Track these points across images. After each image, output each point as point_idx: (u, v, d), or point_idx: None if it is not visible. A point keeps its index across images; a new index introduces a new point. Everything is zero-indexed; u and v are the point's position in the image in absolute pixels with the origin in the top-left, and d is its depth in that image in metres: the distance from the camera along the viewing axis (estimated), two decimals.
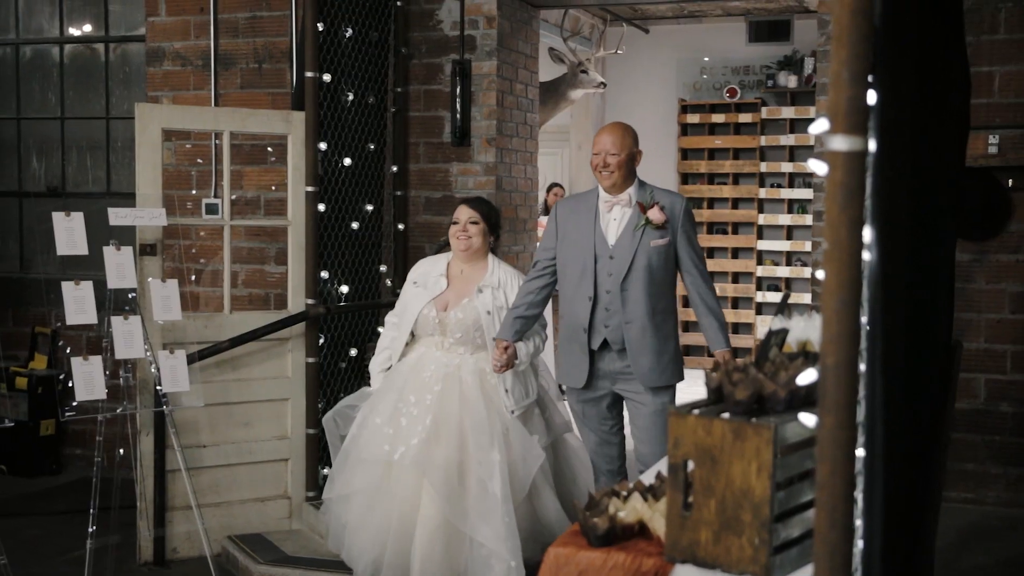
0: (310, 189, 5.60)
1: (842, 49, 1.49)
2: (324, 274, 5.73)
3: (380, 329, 5.10)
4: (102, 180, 7.25)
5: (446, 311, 4.64)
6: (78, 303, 4.70)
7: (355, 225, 5.96)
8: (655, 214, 4.45)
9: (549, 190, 10.13)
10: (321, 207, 5.67)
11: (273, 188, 6.45)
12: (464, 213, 4.75)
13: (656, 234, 4.46)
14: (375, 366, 4.83)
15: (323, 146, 5.69)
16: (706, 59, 10.96)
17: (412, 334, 4.73)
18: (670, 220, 4.48)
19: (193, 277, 6.57)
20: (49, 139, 7.35)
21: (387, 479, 4.49)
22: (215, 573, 4.89)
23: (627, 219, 4.50)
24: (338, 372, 5.89)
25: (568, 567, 2.59)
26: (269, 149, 6.41)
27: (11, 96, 7.40)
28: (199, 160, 6.63)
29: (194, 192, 6.58)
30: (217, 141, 6.43)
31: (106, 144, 7.24)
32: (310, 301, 5.63)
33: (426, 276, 4.76)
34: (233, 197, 5.99)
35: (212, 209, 5.98)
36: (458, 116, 6.26)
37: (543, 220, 8.43)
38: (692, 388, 9.44)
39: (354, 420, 4.70)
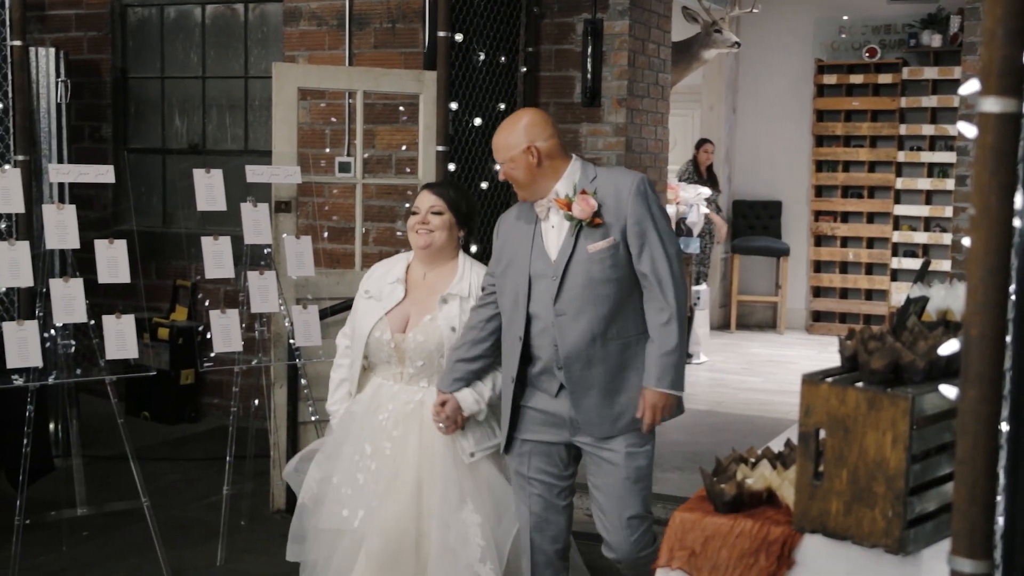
0: (440, 148, 5.64)
1: (997, 6, 1.42)
2: None
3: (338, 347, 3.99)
4: (240, 138, 7.44)
5: (404, 332, 3.66)
6: (216, 258, 4.85)
7: (484, 185, 5.99)
8: (579, 207, 3.36)
9: (699, 147, 9.91)
10: (451, 167, 5.72)
11: (404, 148, 6.52)
12: (425, 200, 3.73)
13: (595, 235, 3.36)
14: (334, 404, 3.89)
15: (454, 106, 5.72)
16: (845, 18, 10.63)
17: (367, 360, 3.80)
18: (609, 211, 3.36)
19: (325, 234, 6.71)
20: (191, 98, 7.57)
21: (352, 550, 3.61)
22: None
23: (567, 224, 3.43)
24: None
25: (693, 532, 2.58)
26: (401, 109, 6.48)
27: (155, 56, 7.64)
28: (333, 119, 6.74)
29: (328, 151, 6.70)
30: (350, 100, 6.53)
31: (244, 103, 7.43)
32: None
33: (380, 283, 3.78)
34: (365, 156, 6.08)
35: (345, 167, 6.08)
36: (589, 76, 6.21)
37: (672, 183, 8.34)
38: (823, 355, 9.27)
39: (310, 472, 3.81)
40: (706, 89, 10.92)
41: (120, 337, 4.63)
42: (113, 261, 4.65)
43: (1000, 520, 1.64)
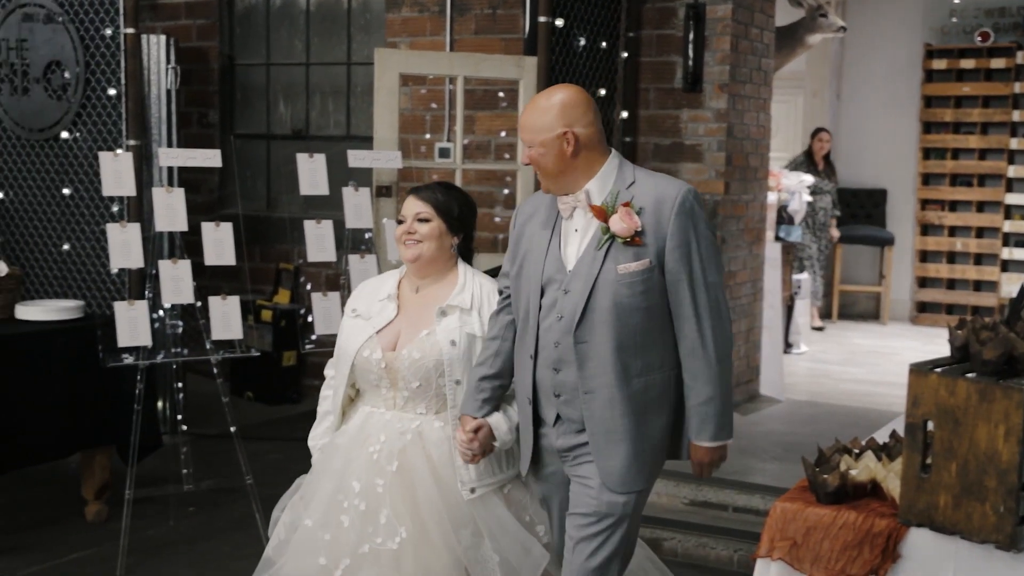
0: None
1: None
2: None
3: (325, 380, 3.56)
4: (342, 124, 7.54)
5: (395, 350, 3.19)
6: (318, 241, 4.92)
7: None
8: (621, 223, 2.83)
9: (814, 136, 9.72)
10: None
11: (503, 134, 6.54)
12: (410, 207, 3.27)
13: (628, 253, 2.85)
14: (316, 439, 3.43)
15: None
16: (956, 1, 10.33)
17: (355, 388, 3.36)
18: (650, 227, 2.84)
19: None
20: (295, 84, 7.69)
21: None
22: None
23: (593, 230, 2.92)
24: None
25: (795, 523, 2.55)
26: (500, 95, 6.49)
27: (261, 43, 7.78)
28: (433, 105, 6.78)
29: (428, 136, 6.75)
30: (451, 86, 6.57)
31: (347, 89, 7.52)
32: None
33: (369, 301, 3.32)
34: (465, 142, 6.11)
35: (445, 153, 6.12)
36: (690, 61, 6.15)
37: (775, 169, 8.22)
38: (928, 347, 9.05)
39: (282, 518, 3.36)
40: (810, 75, 10.71)
41: (225, 318, 4.73)
42: (219, 244, 4.76)
43: None
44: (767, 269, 7.11)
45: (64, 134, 5.64)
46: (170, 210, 4.69)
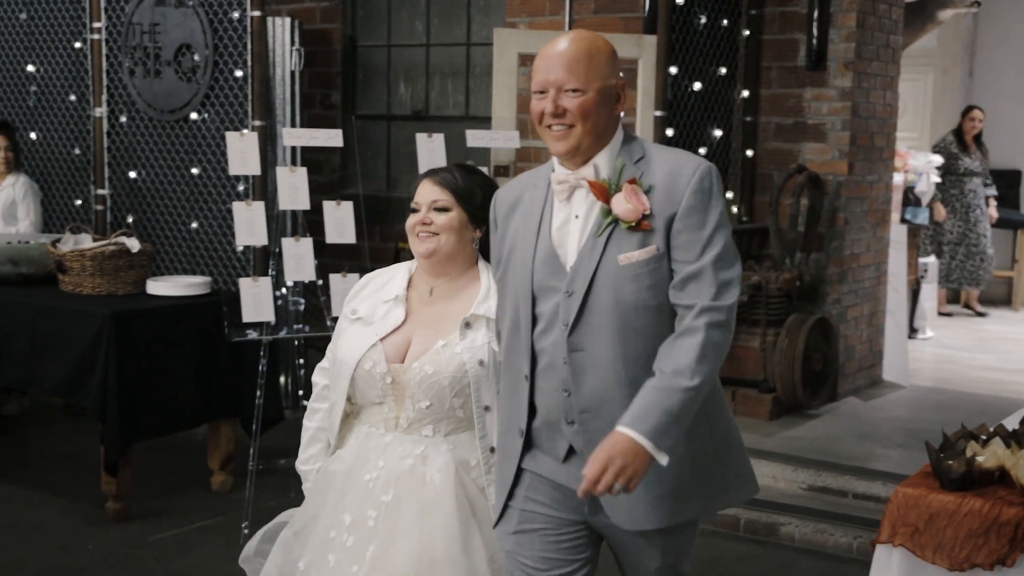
0: (658, 113, 5.59)
1: None
2: None
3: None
4: (461, 104, 7.59)
5: (403, 363, 2.72)
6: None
7: (703, 150, 5.91)
8: (625, 204, 2.32)
9: (965, 115, 9.36)
10: (669, 132, 5.66)
11: (622, 113, 6.49)
12: (426, 192, 2.77)
13: (632, 240, 2.33)
14: (306, 463, 2.96)
15: (673, 70, 5.66)
16: None
17: (351, 401, 2.85)
18: (659, 209, 2.32)
19: None
20: (415, 65, 7.76)
21: None
22: None
23: (596, 215, 2.39)
24: None
25: (917, 509, 2.48)
26: (620, 74, 6.44)
27: (382, 25, 7.87)
28: None
29: None
30: None
31: (466, 70, 7.56)
32: None
33: (372, 302, 2.84)
34: None
35: None
36: (814, 39, 6.01)
37: (901, 149, 7.98)
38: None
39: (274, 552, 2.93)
40: (940, 51, 10.36)
41: (345, 296, 4.82)
42: (340, 223, 4.85)
43: None
44: (892, 252, 6.92)
45: (193, 115, 5.81)
46: (293, 189, 4.80)
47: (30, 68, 6.48)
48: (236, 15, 5.61)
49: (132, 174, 6.03)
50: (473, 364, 2.68)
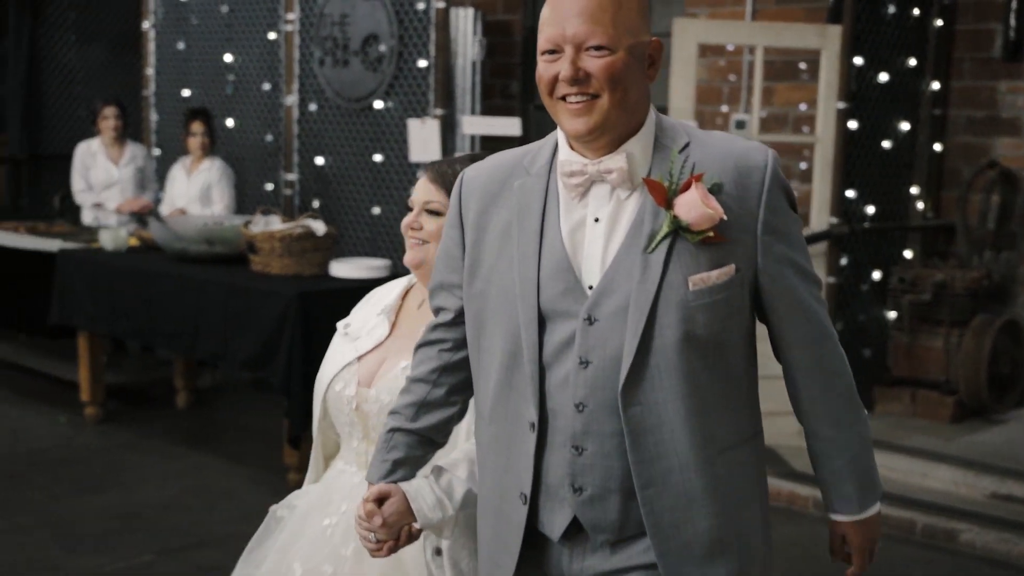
0: (841, 105, 5.47)
1: None
2: (850, 193, 5.61)
3: None
4: None
5: (370, 386, 2.32)
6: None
7: (887, 144, 5.74)
8: (698, 205, 1.75)
9: None
10: (852, 124, 5.53)
11: (802, 106, 6.37)
12: (420, 191, 2.31)
13: (701, 257, 1.78)
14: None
15: (858, 61, 5.52)
16: None
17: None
18: (733, 214, 1.77)
19: None
20: None
21: None
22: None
23: (628, 218, 1.81)
24: (858, 294, 5.76)
25: None
26: (801, 66, 6.32)
27: None
28: (731, 76, 6.69)
29: (723, 108, 6.67)
30: (749, 57, 6.46)
31: None
32: (834, 220, 5.53)
33: (366, 315, 2.45)
34: (763, 114, 6.00)
35: (741, 125, 6.03)
36: (1011, 29, 5.75)
37: None
38: None
39: None
40: None
41: None
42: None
43: None
44: None
45: (378, 104, 6.00)
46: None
47: (228, 58, 6.81)
48: (421, 6, 5.76)
49: (319, 160, 6.27)
50: None
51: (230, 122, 6.88)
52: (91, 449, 5.55)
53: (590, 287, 1.81)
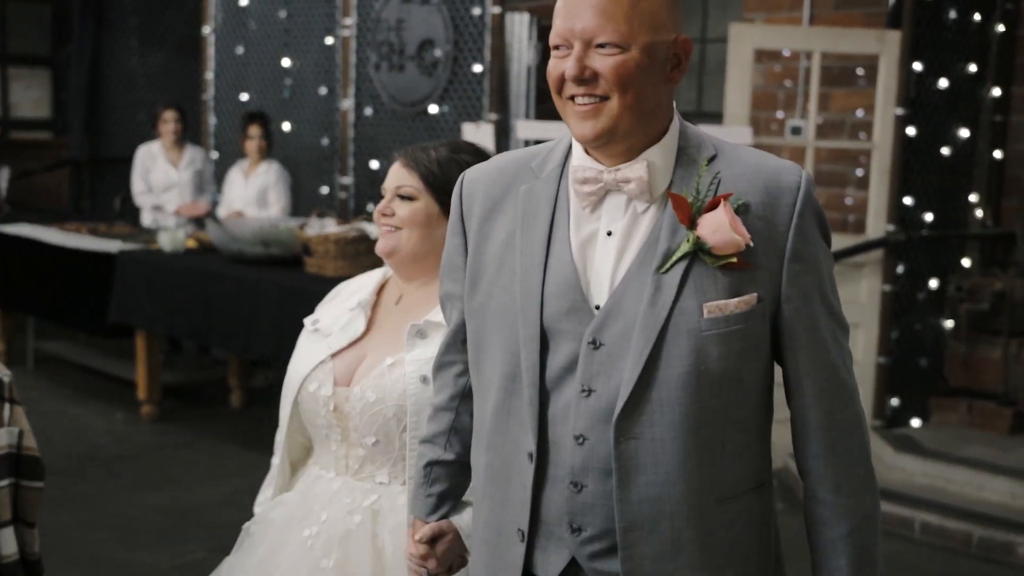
0: (899, 112, 5.41)
1: None
2: (908, 200, 5.54)
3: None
4: (693, 100, 7.56)
5: (349, 385, 2.18)
6: None
7: (946, 151, 5.67)
8: (724, 228, 1.59)
9: None
10: (910, 131, 5.47)
11: (859, 112, 6.31)
12: (392, 175, 2.21)
13: (721, 282, 1.61)
14: (261, 504, 2.41)
15: (918, 66, 5.46)
16: None
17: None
18: (761, 238, 1.61)
19: None
20: None
21: None
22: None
23: (643, 235, 1.65)
24: (914, 303, 5.69)
25: None
26: (859, 72, 6.26)
27: None
28: (786, 82, 6.65)
29: (779, 114, 6.63)
30: (806, 62, 6.41)
31: (699, 66, 7.52)
32: (891, 227, 5.47)
33: (338, 310, 2.32)
34: (819, 120, 5.95)
35: (797, 131, 5.99)
36: None
37: None
38: None
39: None
40: None
41: None
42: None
43: None
44: None
45: (432, 108, 6.04)
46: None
47: (285, 63, 6.90)
48: (477, 11, 5.79)
49: (374, 164, 6.33)
50: (414, 381, 2.09)
51: (287, 126, 6.97)
52: (147, 447, 5.64)
53: (597, 307, 1.64)
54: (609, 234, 1.65)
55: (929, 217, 5.66)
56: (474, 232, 1.76)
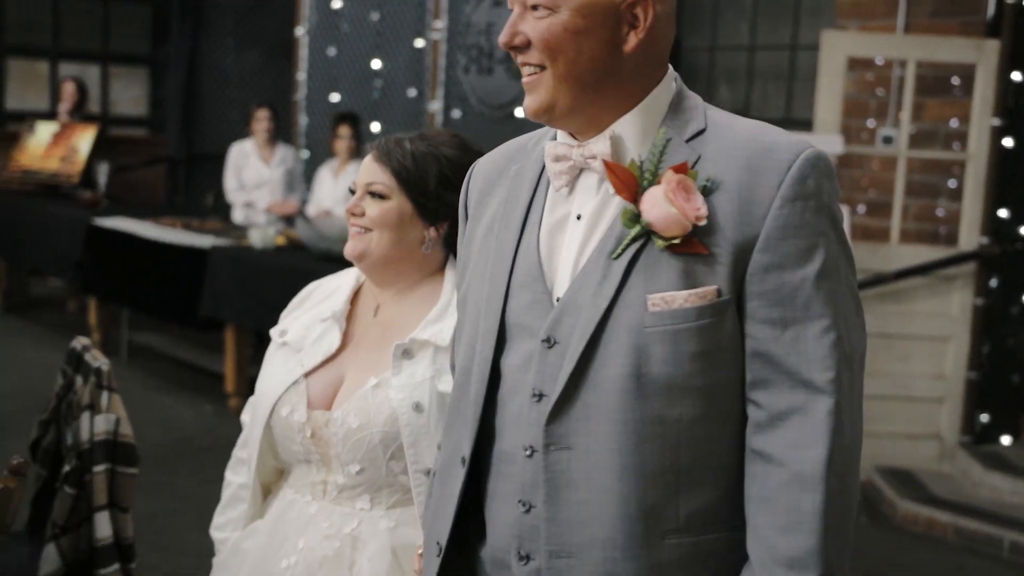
0: (996, 122, 5.31)
1: None
2: (1003, 212, 5.43)
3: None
4: (781, 107, 7.48)
5: (330, 409, 1.99)
6: None
7: None
8: (660, 204, 1.35)
9: None
10: (1007, 142, 5.36)
11: (954, 122, 6.19)
12: (364, 171, 2.02)
13: (674, 270, 1.36)
14: (221, 528, 2.27)
15: (1016, 76, 5.34)
16: None
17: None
18: (728, 220, 1.35)
19: (861, 208, 6.57)
20: (737, 67, 7.73)
21: None
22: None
23: (610, 219, 1.43)
24: (1007, 317, 5.57)
25: None
26: (954, 81, 6.14)
27: (707, 27, 7.89)
28: (878, 91, 6.55)
29: (870, 123, 6.53)
30: (899, 71, 6.31)
31: (789, 73, 7.45)
32: (984, 240, 5.37)
33: (307, 321, 2.11)
34: (912, 130, 5.86)
35: (888, 140, 5.90)
36: None
37: None
38: None
39: None
40: None
41: None
42: None
43: None
44: None
45: (519, 111, 6.07)
46: None
47: (376, 64, 7.00)
48: None
49: None
50: (405, 409, 1.89)
51: (376, 126, 7.06)
52: (233, 439, 5.71)
53: (558, 299, 1.43)
54: (579, 218, 1.44)
55: None
56: (470, 218, 1.60)
